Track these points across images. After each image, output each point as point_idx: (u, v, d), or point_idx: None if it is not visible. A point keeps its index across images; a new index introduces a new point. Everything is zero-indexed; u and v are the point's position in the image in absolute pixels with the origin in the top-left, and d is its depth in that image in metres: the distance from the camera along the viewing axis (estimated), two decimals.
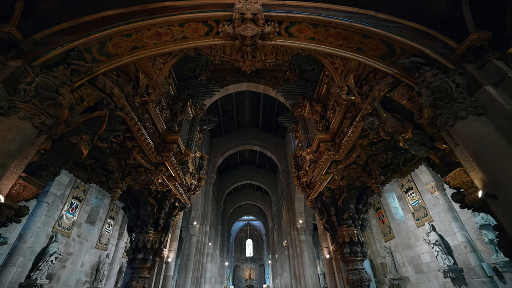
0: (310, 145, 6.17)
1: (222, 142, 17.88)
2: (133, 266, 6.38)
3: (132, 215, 6.91)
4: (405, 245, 11.14)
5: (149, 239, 6.56)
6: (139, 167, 5.45)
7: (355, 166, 5.71)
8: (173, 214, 7.24)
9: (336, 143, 5.48)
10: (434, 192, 9.13)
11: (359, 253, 6.64)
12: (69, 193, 9.84)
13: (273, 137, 18.41)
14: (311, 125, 6.34)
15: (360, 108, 4.30)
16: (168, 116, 5.57)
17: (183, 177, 6.10)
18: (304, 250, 12.78)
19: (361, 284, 6.29)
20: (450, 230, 8.66)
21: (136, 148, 4.87)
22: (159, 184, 6.36)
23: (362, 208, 7.21)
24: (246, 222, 38.84)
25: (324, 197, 7.26)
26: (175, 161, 5.52)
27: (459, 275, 8.16)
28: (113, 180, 5.38)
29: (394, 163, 5.88)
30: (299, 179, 8.02)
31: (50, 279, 8.79)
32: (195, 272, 12.37)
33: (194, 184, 7.72)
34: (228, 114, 17.00)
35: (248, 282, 35.92)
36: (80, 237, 10.47)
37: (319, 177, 6.18)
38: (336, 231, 7.06)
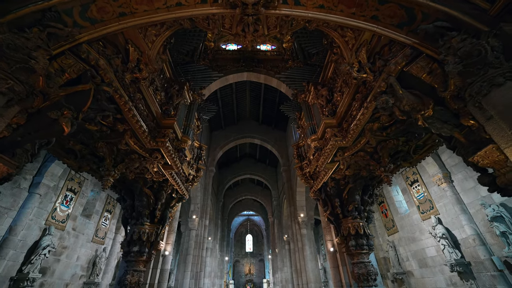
0: (314, 132, 5.81)
1: (221, 135, 17.51)
2: (128, 259, 6.07)
3: (127, 206, 6.58)
4: (409, 239, 10.87)
5: (144, 231, 6.24)
6: (132, 153, 5.10)
7: (363, 154, 5.36)
8: (170, 206, 6.92)
9: (343, 128, 5.11)
10: (441, 184, 8.80)
11: (365, 245, 6.35)
12: (63, 185, 9.50)
13: (274, 131, 18.03)
14: (316, 111, 5.97)
15: (372, 87, 3.92)
16: (163, 99, 5.20)
17: (180, 166, 5.75)
18: (306, 244, 12.53)
19: (367, 278, 6.00)
20: (457, 223, 8.36)
21: (128, 132, 4.50)
22: (155, 174, 6.02)
23: (368, 200, 6.90)
24: (246, 217, 38.70)
25: (328, 187, 6.93)
26: (171, 147, 5.16)
27: (466, 269, 7.89)
28: (104, 168, 5.03)
29: (404, 150, 5.53)
30: (302, 169, 7.68)
31: (44, 273, 8.50)
32: (194, 266, 12.12)
33: (192, 174, 7.37)
34: (228, 107, 16.59)
35: (248, 277, 35.93)
36: (76, 231, 10.16)
37: (324, 166, 5.84)
38: (341, 223, 6.76)
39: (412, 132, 4.54)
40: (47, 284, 8.65)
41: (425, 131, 4.37)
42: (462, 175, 8.27)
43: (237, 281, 35.13)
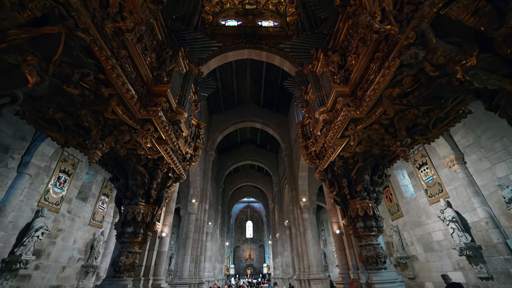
0: (323, 104, 5.26)
1: (221, 119, 16.93)
2: (122, 240, 5.71)
3: (120, 185, 6.15)
4: (414, 223, 10.57)
5: (139, 211, 5.84)
6: (122, 125, 4.58)
7: (377, 126, 4.84)
8: (167, 186, 6.49)
9: (357, 97, 4.57)
10: (453, 166, 8.35)
11: (374, 227, 5.96)
12: (56, 166, 9.06)
13: (275, 114, 17.44)
14: (325, 81, 5.39)
15: (396, 41, 3.33)
16: (154, 63, 4.61)
17: (175, 141, 5.25)
18: (308, 228, 12.30)
19: (377, 261, 5.66)
20: (469, 206, 7.98)
21: (114, 98, 3.96)
22: (149, 150, 5.54)
23: (378, 180, 6.46)
24: (246, 204, 38.83)
25: (335, 167, 6.47)
26: (165, 119, 4.64)
27: (476, 253, 7.58)
28: (91, 140, 4.52)
29: (423, 123, 5.00)
30: (306, 149, 7.20)
31: (39, 255, 8.24)
32: (194, 250, 11.95)
33: (190, 153, 6.90)
34: (227, 89, 15.92)
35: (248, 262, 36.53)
36: (71, 213, 9.85)
37: (333, 142, 5.34)
38: (348, 205, 6.35)
39: (438, 98, 3.99)
40: (43, 267, 8.42)
41: (454, 94, 3.82)
42: (477, 156, 7.79)
43: (237, 266, 35.73)
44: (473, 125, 7.91)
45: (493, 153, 7.30)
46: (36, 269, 8.17)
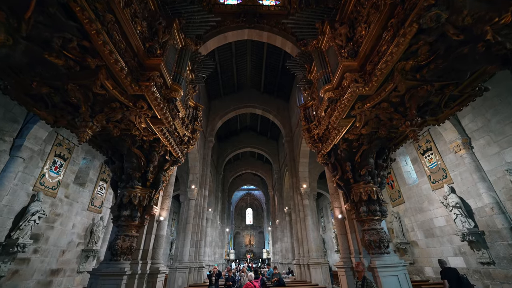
0: (329, 81, 4.92)
1: (220, 104, 16.52)
2: (119, 223, 5.57)
3: (116, 168, 5.93)
4: (416, 210, 10.49)
5: (136, 194, 5.66)
6: (113, 101, 4.28)
7: (386, 105, 4.54)
8: (164, 169, 6.27)
9: (366, 71, 4.23)
10: (459, 151, 8.10)
11: (377, 211, 5.80)
12: (50, 150, 8.82)
13: (276, 100, 17.02)
14: (331, 56, 5.02)
15: (414, 3, 2.96)
16: (146, 33, 4.24)
17: (171, 120, 4.95)
18: (308, 214, 12.25)
19: (380, 245, 5.52)
20: (473, 191, 7.81)
21: (102, 70, 3.63)
22: (143, 130, 5.26)
23: (383, 164, 6.23)
24: (246, 191, 39.08)
25: (339, 150, 6.22)
26: (159, 95, 4.32)
27: (479, 239, 7.50)
28: (80, 118, 4.23)
29: (435, 102, 4.70)
30: (309, 132, 6.92)
31: (37, 239, 8.17)
32: (194, 235, 11.96)
33: (188, 136, 6.63)
34: (227, 73, 15.41)
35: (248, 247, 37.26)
36: (69, 198, 9.72)
37: (338, 122, 5.05)
38: (351, 189, 6.16)
39: (455, 71, 3.66)
40: (42, 250, 8.38)
41: (475, 66, 3.48)
42: (485, 140, 7.53)
43: (237, 251, 36.47)
44: (483, 108, 7.58)
45: (502, 137, 7.03)
46: (35, 252, 8.12)
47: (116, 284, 4.92)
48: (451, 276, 5.51)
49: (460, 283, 5.36)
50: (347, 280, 5.66)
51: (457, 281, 5.39)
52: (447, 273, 5.60)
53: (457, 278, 5.44)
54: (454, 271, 5.61)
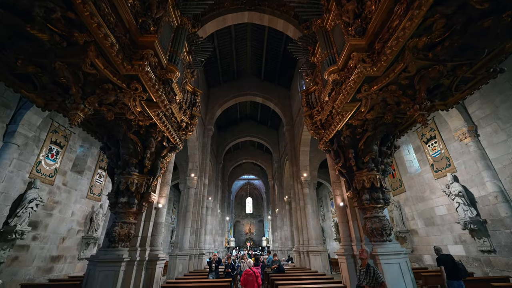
0: (334, 62, 4.65)
1: (220, 92, 16.17)
2: (116, 210, 5.46)
3: (111, 154, 5.75)
4: (417, 198, 10.43)
5: (133, 181, 5.51)
6: (105, 82, 4.03)
7: (394, 88, 4.29)
8: (162, 156, 6.09)
9: (375, 50, 3.95)
10: (465, 139, 7.91)
11: (380, 199, 5.67)
12: (46, 137, 8.62)
13: (277, 88, 16.64)
14: (337, 36, 4.72)
15: None
16: (139, 7, 3.93)
17: (167, 104, 4.72)
18: (308, 203, 12.23)
19: (382, 233, 5.43)
20: (477, 180, 7.69)
21: (91, 47, 3.37)
22: (139, 114, 5.04)
23: (387, 151, 6.04)
24: (246, 181, 39.25)
25: (342, 137, 6.02)
26: (153, 76, 4.07)
27: (481, 227, 7.45)
28: (71, 100, 4.00)
29: (445, 85, 4.45)
30: (311, 118, 6.69)
31: (36, 226, 8.13)
32: (194, 223, 11.98)
33: (186, 121, 6.41)
34: (226, 59, 14.95)
35: (248, 235, 37.85)
36: (67, 186, 9.62)
37: (342, 106, 4.82)
38: (354, 177, 6.01)
39: (472, 49, 3.40)
40: (41, 237, 8.36)
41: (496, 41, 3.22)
42: (492, 128, 7.32)
43: (237, 239, 37.06)
44: (492, 94, 7.33)
45: (511, 124, 6.81)
46: (34, 239, 8.10)
47: (114, 270, 4.87)
48: (447, 262, 5.55)
49: (455, 269, 5.40)
50: (348, 267, 5.62)
51: (452, 267, 5.45)
52: (443, 260, 5.63)
53: (452, 264, 5.49)
54: (450, 258, 5.63)
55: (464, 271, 5.43)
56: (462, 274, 5.36)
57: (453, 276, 5.37)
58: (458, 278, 5.34)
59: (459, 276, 5.34)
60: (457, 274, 5.36)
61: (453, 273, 5.38)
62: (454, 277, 5.36)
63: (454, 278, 5.36)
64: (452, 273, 5.39)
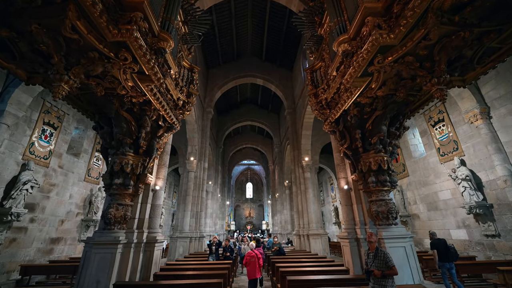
0: (344, 31, 4.20)
1: (219, 73, 15.56)
2: (111, 192, 5.22)
3: (104, 133, 5.43)
4: (420, 183, 10.25)
5: (127, 162, 5.23)
6: (90, 50, 3.62)
7: (411, 59, 3.88)
8: (158, 136, 5.78)
9: (392, 15, 3.51)
10: (476, 121, 7.55)
11: (387, 182, 5.42)
12: (38, 118, 8.27)
13: (279, 69, 15.99)
14: (348, 1, 4.23)
15: None
16: None
17: (161, 78, 4.33)
18: (309, 187, 12.10)
19: (388, 216, 5.23)
20: (486, 164, 7.43)
21: (71, 5, 2.96)
22: (131, 90, 4.66)
23: (396, 132, 5.71)
24: (246, 166, 39.29)
25: (349, 116, 5.67)
26: (144, 43, 3.64)
27: (487, 211, 7.28)
28: (53, 70, 3.62)
29: (467, 56, 4.04)
30: (316, 97, 6.31)
31: (32, 208, 7.99)
32: (194, 206, 11.93)
33: (183, 99, 6.03)
34: (226, 37, 14.21)
35: (248, 219, 38.51)
36: (63, 169, 9.40)
37: (352, 81, 4.43)
38: (360, 158, 5.73)
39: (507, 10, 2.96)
40: (39, 220, 8.26)
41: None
42: (506, 109, 6.94)
43: (237, 223, 37.75)
44: (508, 74, 6.89)
45: None
46: (32, 222, 7.99)
47: (111, 252, 4.72)
48: (440, 246, 5.78)
49: (447, 252, 5.65)
50: (351, 250, 5.49)
51: (445, 250, 5.69)
52: (436, 244, 5.85)
53: (445, 248, 5.73)
54: (443, 242, 5.86)
55: (455, 255, 5.68)
56: (453, 257, 5.63)
57: (445, 258, 5.64)
58: (449, 260, 5.62)
59: (450, 258, 5.61)
60: (448, 256, 5.62)
61: (445, 256, 5.64)
62: (446, 259, 5.63)
63: (445, 261, 5.64)
64: (444, 256, 5.66)
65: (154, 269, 5.32)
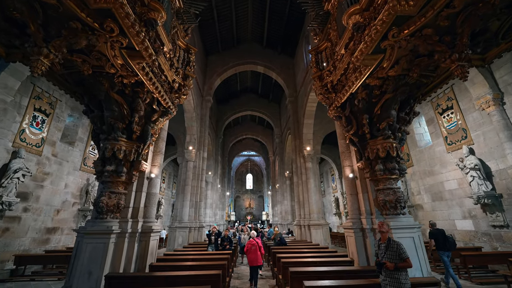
0: (356, 1, 3.78)
1: (218, 60, 15.01)
2: (103, 179, 4.92)
3: (95, 117, 5.08)
4: (425, 173, 9.97)
5: (120, 148, 4.91)
6: (71, 19, 3.22)
7: (430, 31, 3.48)
8: (152, 120, 5.42)
9: None
10: (488, 108, 7.18)
11: (395, 170, 5.13)
12: (28, 103, 7.89)
13: (280, 56, 15.43)
14: None
15: None
16: None
17: (153, 54, 3.93)
18: (310, 177, 11.85)
19: (396, 205, 4.97)
20: (497, 152, 7.12)
21: None
22: (121, 69, 4.27)
23: (406, 117, 5.37)
24: (246, 157, 39.08)
25: (356, 100, 5.30)
26: (131, 12, 3.24)
27: (495, 202, 7.04)
28: (30, 42, 3.24)
29: (491, 30, 3.64)
30: (321, 80, 5.91)
31: (25, 198, 7.74)
32: (194, 196, 11.72)
33: (178, 82, 5.64)
34: (225, 22, 13.59)
35: (248, 210, 38.65)
36: (57, 157, 9.10)
37: (362, 59, 4.04)
38: (367, 145, 5.40)
39: None
40: (33, 209, 8.02)
41: None
42: None
43: (238, 213, 37.90)
44: None
45: None
46: (26, 211, 7.76)
47: (103, 242, 4.48)
48: (438, 235, 5.86)
49: (445, 241, 5.75)
50: (356, 241, 5.26)
51: (443, 240, 5.77)
52: (435, 234, 5.92)
53: (443, 237, 5.82)
54: (441, 232, 5.94)
55: (453, 244, 5.79)
56: (451, 247, 5.73)
57: (443, 247, 5.73)
58: (447, 249, 5.72)
59: (449, 248, 5.72)
60: (446, 246, 5.73)
61: (443, 245, 5.74)
62: (444, 248, 5.73)
63: (444, 250, 5.73)
64: (442, 245, 5.74)
65: (150, 260, 5.10)
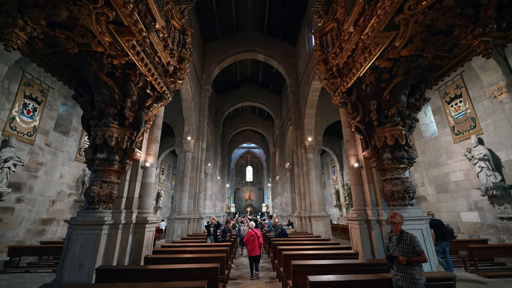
0: None
1: (217, 48, 14.49)
2: (94, 168, 4.64)
3: (85, 102, 4.74)
4: (430, 164, 9.71)
5: (111, 135, 4.60)
6: None
7: (451, 2, 3.11)
8: (146, 106, 5.09)
9: None
10: (500, 95, 6.83)
11: (404, 159, 4.84)
12: (18, 90, 7.54)
13: (281, 44, 14.90)
14: None
15: None
16: None
17: (143, 29, 3.57)
18: (312, 168, 11.60)
19: (404, 196, 4.70)
20: (508, 142, 6.84)
21: None
22: (109, 47, 3.91)
23: (416, 103, 5.03)
24: (246, 149, 38.84)
25: (364, 85, 4.95)
26: None
27: (504, 193, 6.81)
28: (3, 12, 2.88)
29: None
30: (326, 63, 5.54)
31: (18, 188, 7.50)
32: (192, 187, 11.51)
33: (173, 64, 5.28)
34: (224, 7, 13.01)
35: (248, 202, 38.74)
36: (51, 147, 8.81)
37: (373, 36, 3.67)
38: (374, 133, 5.09)
39: None
40: (27, 200, 7.80)
41: None
42: None
43: (237, 205, 37.98)
44: None
45: None
46: (19, 202, 7.54)
47: (95, 234, 4.25)
48: (437, 226, 5.93)
49: (444, 231, 5.91)
50: (361, 233, 5.03)
51: (442, 230, 5.92)
52: (433, 224, 5.90)
53: (442, 227, 5.96)
54: (440, 222, 6.08)
55: (452, 234, 6.08)
56: (450, 237, 5.96)
57: (442, 237, 5.88)
58: (446, 239, 5.89)
59: (447, 238, 5.90)
60: (444, 236, 5.88)
61: (442, 235, 5.89)
62: (443, 238, 5.88)
63: (442, 240, 5.88)
64: (441, 235, 5.89)
65: (145, 252, 4.89)
